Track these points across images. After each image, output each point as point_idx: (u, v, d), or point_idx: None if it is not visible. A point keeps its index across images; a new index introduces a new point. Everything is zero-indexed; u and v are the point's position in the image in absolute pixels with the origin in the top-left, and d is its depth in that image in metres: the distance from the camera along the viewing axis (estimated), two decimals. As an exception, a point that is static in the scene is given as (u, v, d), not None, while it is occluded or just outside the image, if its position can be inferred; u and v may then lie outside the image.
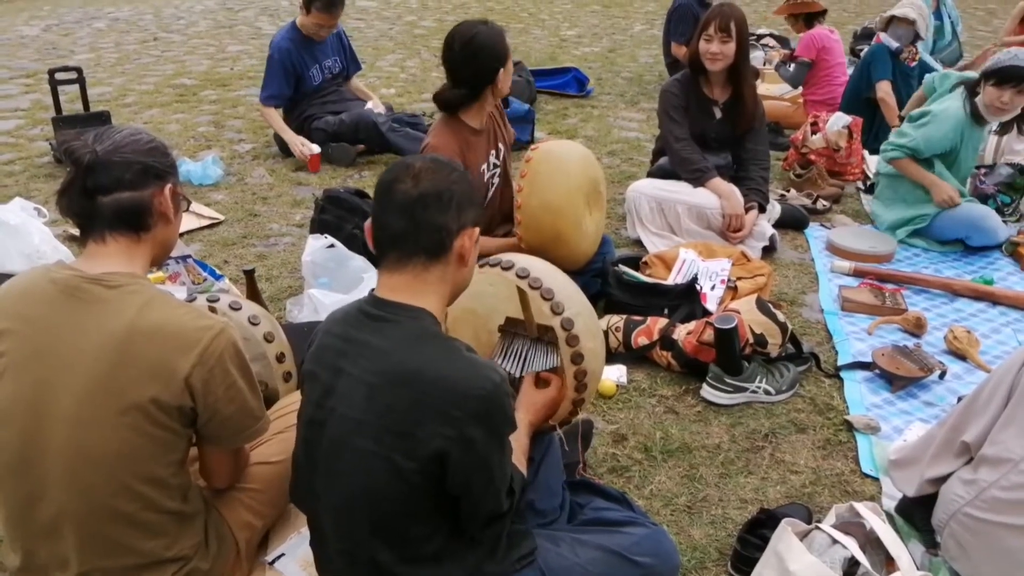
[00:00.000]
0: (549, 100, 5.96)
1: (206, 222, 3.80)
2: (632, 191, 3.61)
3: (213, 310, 2.07)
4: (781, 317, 2.65)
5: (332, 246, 2.90)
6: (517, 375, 1.93)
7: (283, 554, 1.88)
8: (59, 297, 1.46)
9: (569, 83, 6.18)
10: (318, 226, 3.16)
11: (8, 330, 1.47)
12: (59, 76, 4.58)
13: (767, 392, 2.52)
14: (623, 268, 2.99)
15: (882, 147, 3.73)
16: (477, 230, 1.50)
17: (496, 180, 2.92)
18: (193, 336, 1.47)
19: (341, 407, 1.42)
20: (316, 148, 4.45)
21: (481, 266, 1.88)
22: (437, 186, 1.43)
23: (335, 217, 3.14)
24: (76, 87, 4.67)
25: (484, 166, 2.83)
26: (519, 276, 1.81)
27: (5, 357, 1.46)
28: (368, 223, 1.51)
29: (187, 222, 3.72)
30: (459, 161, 2.60)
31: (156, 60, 7.35)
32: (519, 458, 1.62)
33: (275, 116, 4.57)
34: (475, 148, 2.77)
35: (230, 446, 1.63)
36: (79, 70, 4.68)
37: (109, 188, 1.48)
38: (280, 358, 2.12)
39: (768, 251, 3.54)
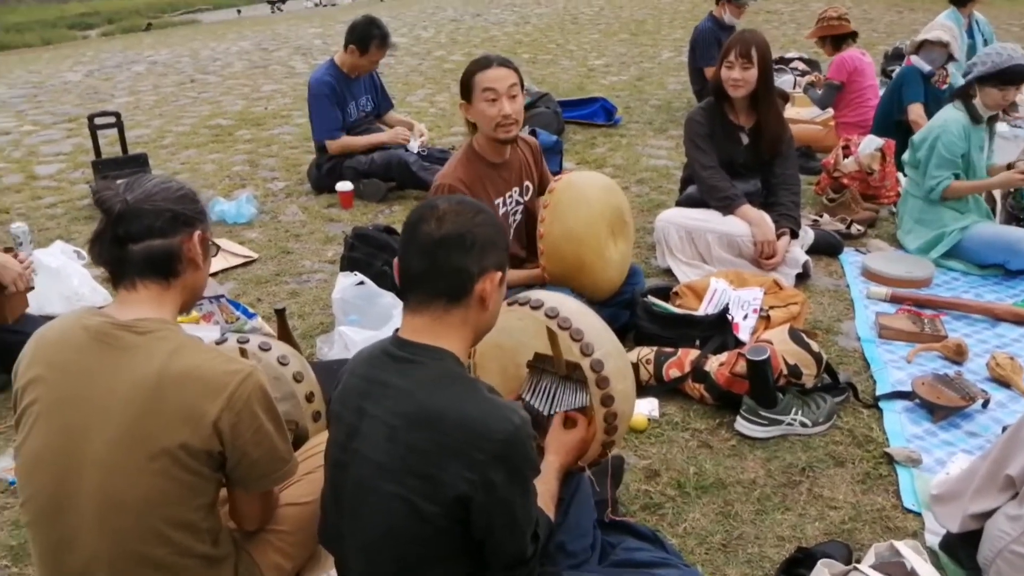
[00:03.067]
0: (577, 130, 5.99)
1: (240, 260, 3.86)
2: (661, 221, 3.59)
3: (243, 351, 2.09)
4: (815, 347, 2.60)
5: (362, 283, 2.92)
6: (546, 413, 1.91)
7: (313, 596, 1.87)
8: (90, 343, 1.49)
9: (597, 112, 6.20)
10: (348, 264, 3.19)
11: (41, 377, 1.50)
12: (98, 121, 4.72)
13: (803, 424, 2.47)
14: (652, 299, 2.97)
15: (925, 190, 3.66)
16: (500, 274, 1.49)
17: (518, 216, 2.93)
18: (221, 380, 1.48)
19: (364, 449, 1.42)
20: (348, 185, 4.51)
21: (510, 303, 1.88)
22: (459, 228, 1.43)
23: (364, 255, 3.18)
24: (115, 130, 4.81)
25: (500, 200, 2.84)
26: (548, 316, 1.80)
27: (38, 404, 1.49)
28: (396, 261, 1.52)
29: (222, 261, 3.78)
30: (464, 190, 2.63)
31: (193, 101, 7.54)
32: (546, 501, 1.60)
33: (346, 139, 4.64)
34: (491, 181, 2.80)
35: (259, 489, 1.64)
36: (117, 115, 4.82)
37: (140, 236, 1.51)
38: (309, 397, 2.13)
39: (802, 278, 3.49)
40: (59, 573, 1.51)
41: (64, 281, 3.22)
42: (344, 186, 4.50)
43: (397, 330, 1.51)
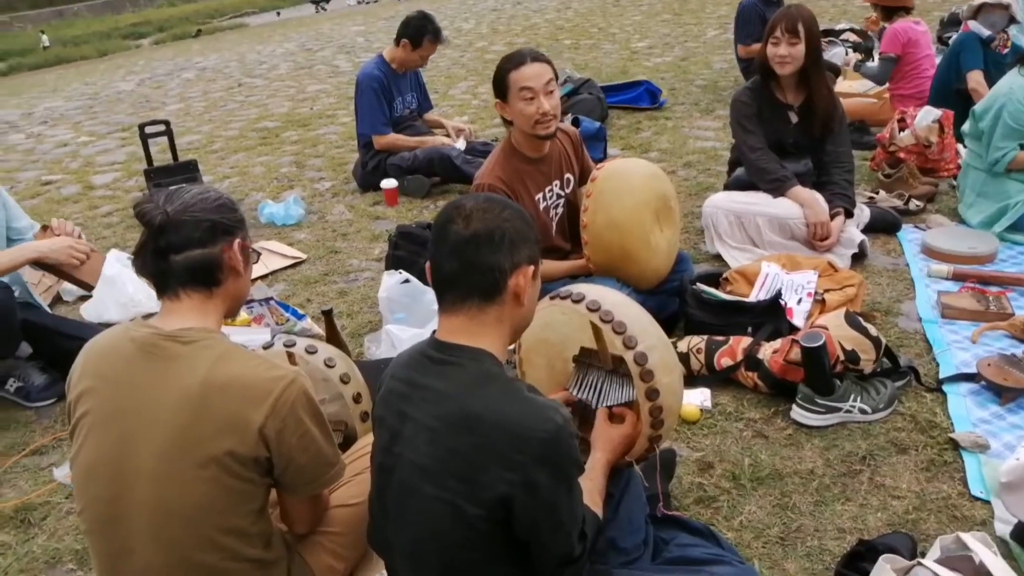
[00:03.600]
0: (621, 115, 5.91)
1: (289, 262, 3.91)
2: (709, 206, 3.51)
3: (290, 355, 2.11)
4: (873, 331, 2.51)
5: (407, 281, 2.93)
6: (594, 407, 1.89)
7: (366, 597, 1.88)
8: (138, 355, 1.52)
9: (641, 96, 6.11)
10: (393, 262, 3.21)
11: (92, 389, 1.53)
12: (149, 130, 4.83)
13: (863, 411, 2.39)
14: (702, 286, 2.91)
15: (989, 162, 3.52)
16: (532, 268, 1.47)
17: (560, 210, 2.90)
18: (265, 387, 1.49)
19: (407, 452, 1.42)
20: (393, 182, 4.53)
21: (552, 297, 1.86)
22: (488, 226, 1.42)
23: (408, 252, 3.18)
24: (166, 138, 4.91)
25: (540, 195, 2.81)
26: (590, 309, 1.77)
27: (90, 416, 1.52)
28: (428, 263, 1.51)
29: (272, 262, 3.84)
30: (504, 188, 2.62)
31: (241, 105, 7.67)
32: (594, 499, 1.57)
33: (393, 136, 4.68)
34: (530, 176, 2.78)
35: (307, 493, 1.65)
36: (167, 123, 4.92)
37: (180, 247, 1.53)
38: (357, 398, 2.14)
39: (858, 259, 3.38)
40: (117, 582, 1.54)
41: (120, 289, 3.30)
42: (389, 183, 4.52)
43: (434, 332, 1.50)
